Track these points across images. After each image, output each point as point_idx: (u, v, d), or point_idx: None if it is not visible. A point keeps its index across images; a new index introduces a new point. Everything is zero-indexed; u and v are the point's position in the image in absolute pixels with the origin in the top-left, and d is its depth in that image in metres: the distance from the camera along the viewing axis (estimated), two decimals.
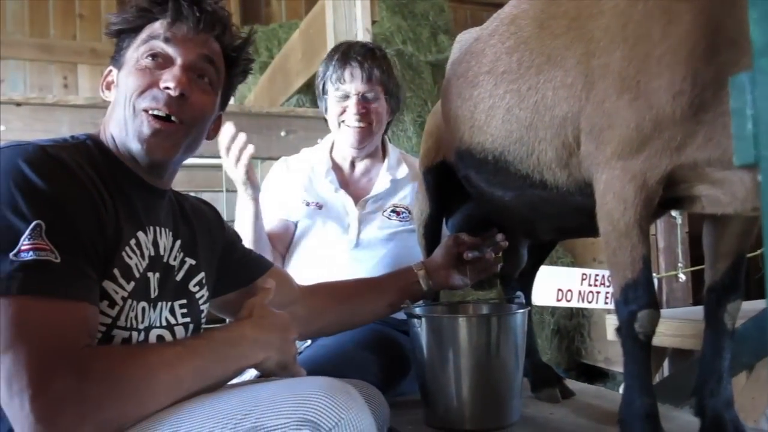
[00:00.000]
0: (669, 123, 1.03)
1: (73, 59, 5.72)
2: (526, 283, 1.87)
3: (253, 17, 6.24)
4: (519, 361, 1.48)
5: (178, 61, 1.17)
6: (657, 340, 2.63)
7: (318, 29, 3.25)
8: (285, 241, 2.00)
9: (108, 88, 1.23)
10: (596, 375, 3.78)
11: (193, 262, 1.26)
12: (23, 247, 0.90)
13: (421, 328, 1.48)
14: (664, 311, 3.09)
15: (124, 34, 1.21)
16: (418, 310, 1.59)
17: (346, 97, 1.95)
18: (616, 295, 1.16)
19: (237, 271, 1.42)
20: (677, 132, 1.03)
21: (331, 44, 2.89)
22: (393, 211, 2.00)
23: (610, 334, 2.98)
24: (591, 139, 1.15)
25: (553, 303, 3.16)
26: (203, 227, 1.34)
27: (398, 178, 2.05)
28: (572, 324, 3.97)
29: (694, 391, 1.30)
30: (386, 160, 2.08)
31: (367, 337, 1.74)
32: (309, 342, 1.80)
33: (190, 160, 1.30)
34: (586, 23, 1.17)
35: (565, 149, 1.23)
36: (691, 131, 1.02)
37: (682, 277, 3.30)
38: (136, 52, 1.18)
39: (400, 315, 1.74)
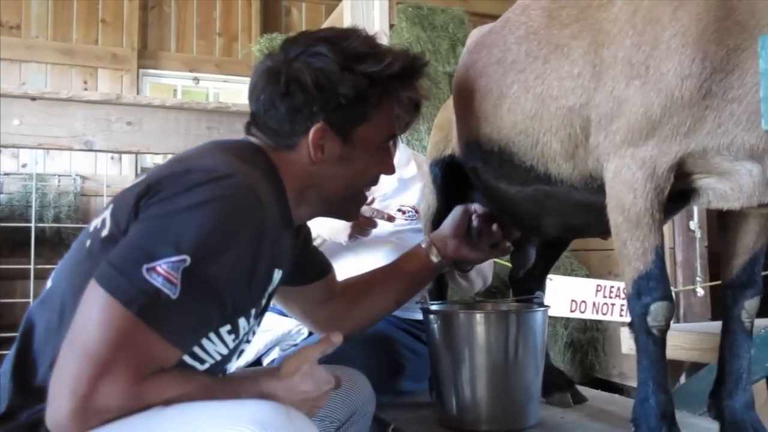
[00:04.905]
0: (678, 107, 1.02)
1: (94, 63, 5.76)
2: (537, 286, 1.82)
3: (273, 26, 6.28)
4: (539, 361, 1.44)
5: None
6: (674, 354, 2.61)
7: None
8: None
9: (322, 150, 1.19)
10: (610, 390, 3.69)
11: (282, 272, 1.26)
12: (157, 269, 0.92)
13: (437, 325, 1.45)
14: (681, 325, 3.03)
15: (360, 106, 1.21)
16: (434, 307, 1.55)
17: None
18: (628, 289, 1.13)
19: (303, 271, 1.42)
20: (686, 117, 1.02)
21: None
22: (398, 210, 1.98)
23: (625, 347, 2.92)
24: (600, 129, 1.14)
25: (567, 314, 3.11)
26: (300, 239, 1.36)
27: (406, 177, 2.03)
28: (586, 337, 3.91)
29: (711, 394, 1.26)
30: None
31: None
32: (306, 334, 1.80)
33: None
34: (595, 13, 1.17)
35: (571, 141, 1.21)
36: (700, 116, 1.01)
37: (701, 291, 3.24)
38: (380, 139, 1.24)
39: (401, 312, 1.74)
